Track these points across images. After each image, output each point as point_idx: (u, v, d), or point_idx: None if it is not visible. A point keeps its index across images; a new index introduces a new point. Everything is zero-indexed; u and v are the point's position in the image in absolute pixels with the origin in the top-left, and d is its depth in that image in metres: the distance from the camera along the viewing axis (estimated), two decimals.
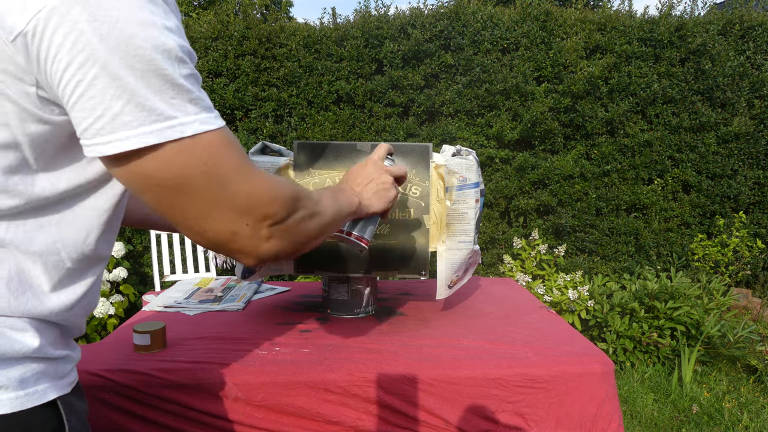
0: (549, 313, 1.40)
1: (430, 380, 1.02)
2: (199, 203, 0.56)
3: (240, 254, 0.61)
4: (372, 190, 0.95)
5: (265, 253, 0.62)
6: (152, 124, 0.52)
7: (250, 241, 0.60)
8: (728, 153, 3.92)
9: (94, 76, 0.50)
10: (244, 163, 0.58)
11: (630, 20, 3.80)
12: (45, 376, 0.60)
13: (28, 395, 0.57)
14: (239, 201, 0.57)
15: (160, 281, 3.53)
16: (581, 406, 1.04)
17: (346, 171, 1.29)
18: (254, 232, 0.59)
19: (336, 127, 3.75)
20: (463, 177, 1.26)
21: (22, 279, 0.58)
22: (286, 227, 0.63)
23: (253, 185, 0.59)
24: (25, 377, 0.57)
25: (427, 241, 1.28)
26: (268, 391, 1.00)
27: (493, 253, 3.86)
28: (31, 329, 0.58)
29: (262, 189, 0.59)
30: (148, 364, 1.03)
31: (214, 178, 0.55)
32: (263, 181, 0.60)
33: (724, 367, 2.95)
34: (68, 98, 0.51)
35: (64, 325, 0.64)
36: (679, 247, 3.89)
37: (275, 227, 0.61)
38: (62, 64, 0.50)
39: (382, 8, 3.85)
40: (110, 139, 0.52)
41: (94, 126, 0.51)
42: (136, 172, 0.54)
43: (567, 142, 3.87)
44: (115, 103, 0.50)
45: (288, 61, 3.73)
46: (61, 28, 0.49)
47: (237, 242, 0.59)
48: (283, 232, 0.62)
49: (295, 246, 0.66)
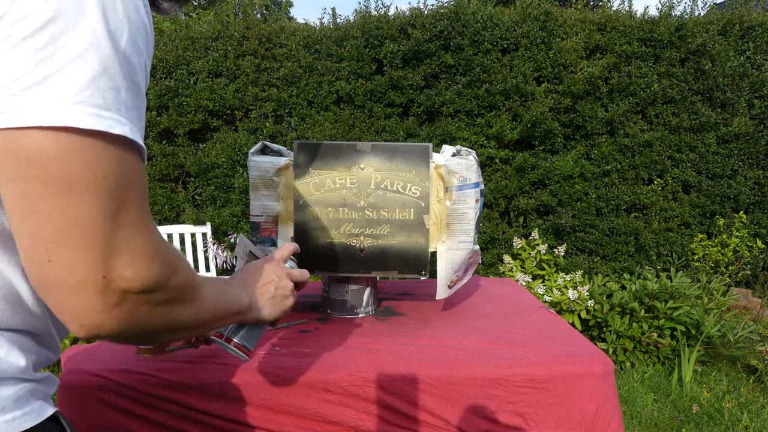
0: (549, 313, 1.40)
1: (430, 380, 1.02)
2: (69, 219, 0.43)
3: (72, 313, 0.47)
4: (269, 294, 0.80)
5: (104, 324, 0.48)
6: (74, 105, 0.42)
7: (93, 299, 0.46)
8: (728, 153, 3.92)
9: (27, 34, 0.42)
10: (144, 209, 0.49)
11: (630, 20, 3.80)
12: (36, 394, 0.56)
13: (26, 414, 0.53)
14: (115, 240, 0.46)
15: None
16: (581, 406, 1.04)
17: (346, 172, 1.29)
18: (104, 290, 0.46)
19: (336, 127, 3.75)
20: (463, 177, 1.26)
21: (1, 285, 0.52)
22: (145, 301, 0.50)
23: (139, 231, 0.48)
24: (20, 395, 0.53)
25: (427, 241, 1.28)
26: (268, 391, 1.00)
27: (493, 253, 3.87)
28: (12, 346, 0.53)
29: (146, 241, 0.49)
30: (148, 364, 1.03)
31: (107, 199, 0.45)
32: (151, 235, 0.50)
33: (724, 367, 2.95)
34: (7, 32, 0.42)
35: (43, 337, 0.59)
36: (679, 247, 3.89)
37: (131, 295, 0.48)
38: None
39: (382, 8, 3.86)
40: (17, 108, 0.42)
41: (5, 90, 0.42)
42: (19, 153, 0.42)
43: (567, 142, 3.87)
44: (39, 70, 0.42)
45: (288, 61, 3.73)
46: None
47: (78, 292, 0.45)
48: (138, 305, 0.49)
49: (146, 330, 0.52)
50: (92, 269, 0.45)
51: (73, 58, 0.42)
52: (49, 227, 0.44)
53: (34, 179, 0.42)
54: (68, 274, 0.45)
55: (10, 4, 0.41)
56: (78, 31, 0.43)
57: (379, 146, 1.28)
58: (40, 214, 0.43)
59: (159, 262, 0.50)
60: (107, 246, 0.45)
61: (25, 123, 0.41)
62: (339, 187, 1.29)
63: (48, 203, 0.43)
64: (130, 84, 0.46)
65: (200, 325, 0.62)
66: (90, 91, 0.43)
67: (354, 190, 1.29)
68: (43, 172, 0.42)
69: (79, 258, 0.45)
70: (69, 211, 0.43)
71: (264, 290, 0.80)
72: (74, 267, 0.45)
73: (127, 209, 0.47)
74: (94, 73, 0.43)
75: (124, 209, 0.46)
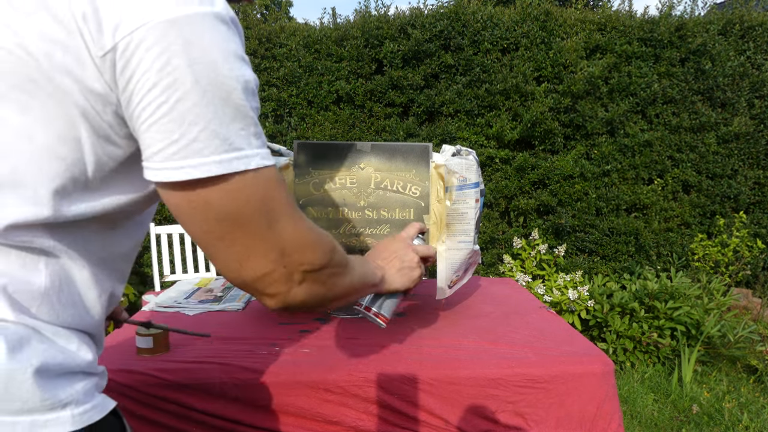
0: (549, 313, 1.40)
1: (430, 380, 1.02)
2: (246, 238, 0.56)
3: (269, 296, 0.60)
4: (396, 267, 0.93)
5: (293, 299, 0.61)
6: (222, 154, 0.51)
7: (283, 284, 0.59)
8: (728, 153, 3.92)
9: (177, 99, 0.50)
10: (292, 205, 0.59)
11: (630, 20, 3.80)
12: (97, 388, 0.59)
13: (95, 407, 0.56)
14: (284, 242, 0.58)
15: (160, 281, 3.53)
16: (581, 406, 1.04)
17: (346, 172, 1.29)
18: (289, 275, 0.59)
19: (336, 127, 3.75)
20: (463, 177, 1.26)
21: (71, 290, 0.57)
22: (319, 277, 0.63)
23: (298, 228, 0.59)
24: (88, 389, 0.57)
25: (427, 241, 1.28)
26: (268, 391, 1.00)
27: (493, 253, 3.86)
28: (81, 342, 0.58)
29: (306, 233, 0.60)
30: (148, 364, 1.03)
31: (267, 215, 0.56)
32: (308, 226, 0.61)
33: (724, 367, 2.95)
34: (146, 119, 0.51)
35: (98, 337, 0.64)
36: (679, 247, 3.89)
37: (310, 274, 0.61)
38: (148, 84, 0.49)
39: (382, 8, 3.86)
40: (182, 165, 0.51)
41: (167, 150, 0.51)
42: (196, 201, 0.53)
43: (567, 142, 3.87)
44: (192, 129, 0.50)
45: (288, 61, 3.73)
46: (155, 48, 0.49)
47: (270, 282, 0.59)
48: (315, 281, 0.62)
49: (322, 299, 0.65)
50: (275, 265, 0.58)
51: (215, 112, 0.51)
52: (235, 249, 0.56)
53: (212, 220, 0.54)
54: (258, 273, 0.58)
55: (158, 74, 0.49)
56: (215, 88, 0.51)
57: (379, 146, 1.28)
58: (225, 242, 0.56)
59: (321, 246, 0.62)
60: (280, 247, 0.58)
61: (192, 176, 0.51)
62: (339, 187, 1.29)
63: (229, 233, 0.55)
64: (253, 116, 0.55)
65: (352, 292, 0.74)
66: (231, 138, 0.52)
67: (354, 190, 1.29)
68: (218, 214, 0.54)
69: (263, 261, 0.57)
70: (245, 233, 0.56)
71: (393, 264, 0.92)
72: (262, 267, 0.58)
73: (283, 214, 0.58)
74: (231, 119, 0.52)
75: (281, 215, 0.57)
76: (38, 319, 0.54)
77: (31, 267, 0.54)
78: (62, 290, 0.56)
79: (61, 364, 0.54)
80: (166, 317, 1.34)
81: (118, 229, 0.62)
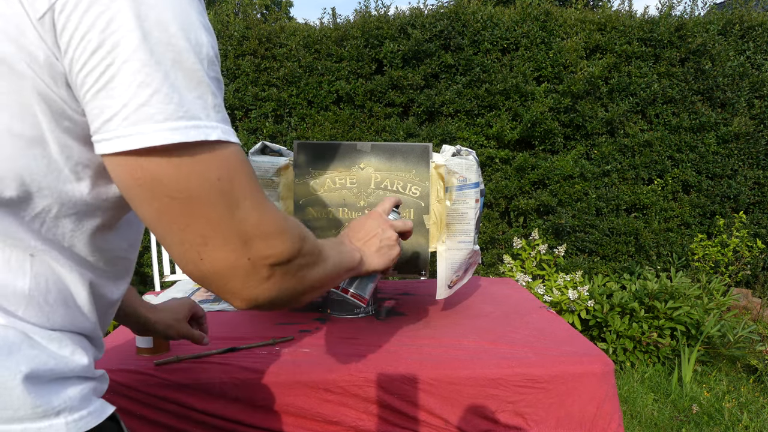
0: (549, 313, 1.40)
1: (430, 380, 1.02)
2: (204, 224, 0.50)
3: (233, 293, 0.54)
4: (374, 246, 0.86)
5: (260, 296, 0.55)
6: (178, 120, 0.46)
7: (247, 279, 0.53)
8: (728, 153, 3.92)
9: (124, 60, 0.45)
10: (257, 189, 0.53)
11: (630, 20, 3.80)
12: (95, 392, 0.57)
13: (92, 413, 0.54)
14: (246, 229, 0.52)
15: (160, 281, 3.53)
16: (581, 406, 1.04)
17: (346, 172, 1.29)
18: (253, 269, 0.53)
19: (336, 127, 3.75)
20: (463, 177, 1.26)
21: (61, 290, 0.55)
22: (288, 269, 0.56)
23: (264, 215, 0.53)
24: (84, 394, 0.54)
25: (427, 241, 1.28)
26: (268, 391, 1.00)
27: (493, 253, 3.86)
28: (76, 346, 0.56)
29: (271, 221, 0.54)
30: (148, 363, 1.03)
31: (227, 197, 0.50)
32: (275, 213, 0.55)
33: (724, 367, 2.95)
34: (92, 85, 0.46)
35: (95, 339, 0.61)
36: (679, 247, 3.89)
37: (278, 267, 0.55)
38: (91, 45, 0.45)
39: (382, 8, 3.86)
40: (131, 132, 0.45)
41: (118, 116, 0.45)
42: (147, 176, 0.47)
43: (567, 142, 3.87)
44: (143, 92, 0.45)
45: (288, 61, 3.73)
46: (96, 5, 0.44)
47: (233, 276, 0.52)
48: (284, 274, 0.56)
49: (292, 294, 0.59)
50: (237, 256, 0.52)
51: (166, 74, 0.46)
52: (191, 234, 0.50)
53: (165, 198, 0.48)
54: (220, 264, 0.51)
55: (101, 34, 0.45)
56: (165, 48, 0.46)
57: (379, 146, 1.28)
58: (180, 225, 0.49)
59: (289, 234, 0.56)
60: (242, 234, 0.51)
61: (142, 144, 0.45)
62: (339, 187, 1.29)
63: (183, 215, 0.49)
64: (214, 85, 0.50)
65: (328, 281, 0.68)
66: (186, 104, 0.47)
67: (354, 190, 1.29)
68: (171, 191, 0.48)
69: (224, 250, 0.51)
70: (202, 216, 0.49)
71: (371, 244, 0.86)
72: (222, 258, 0.51)
73: (246, 198, 0.52)
74: (186, 86, 0.47)
75: (244, 199, 0.51)
76: (27, 321, 0.52)
77: (15, 268, 0.51)
78: (50, 291, 0.53)
79: (53, 369, 0.52)
80: None
81: (105, 228, 0.58)
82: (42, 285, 0.53)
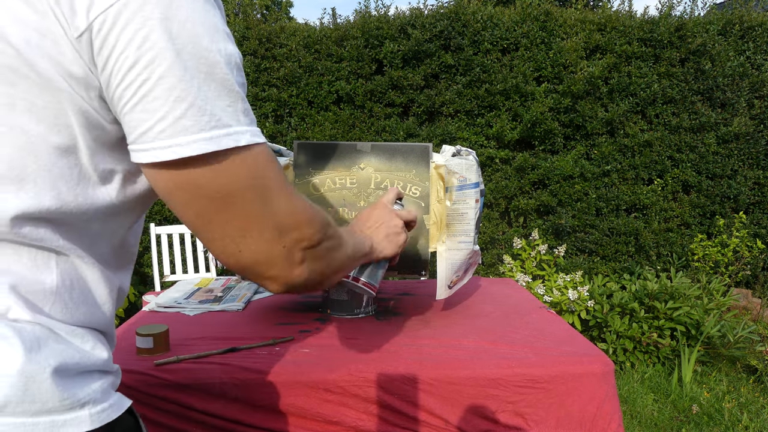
0: (549, 313, 1.40)
1: (430, 380, 1.02)
2: (241, 219, 0.54)
3: (271, 278, 0.59)
4: (383, 234, 0.91)
5: (296, 279, 0.60)
6: (211, 131, 0.50)
7: (284, 264, 0.58)
8: (728, 153, 3.92)
9: (160, 76, 0.48)
10: (285, 182, 0.57)
11: (630, 20, 3.80)
12: (113, 386, 0.59)
13: (112, 406, 0.56)
14: (280, 219, 0.56)
15: (160, 281, 3.53)
16: (581, 406, 1.04)
17: (346, 172, 1.29)
18: (289, 255, 0.58)
19: (336, 127, 3.75)
20: (463, 177, 1.26)
21: (82, 288, 0.57)
22: (318, 253, 0.61)
23: (293, 204, 0.58)
24: (105, 388, 0.56)
25: (427, 241, 1.28)
26: (268, 391, 1.00)
27: (493, 253, 3.87)
28: (96, 341, 0.57)
29: (301, 209, 0.59)
30: (148, 364, 1.03)
31: (260, 193, 0.54)
32: (302, 202, 0.59)
33: (724, 368, 2.95)
34: (129, 99, 0.49)
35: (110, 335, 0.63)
36: (679, 248, 3.89)
37: (309, 251, 0.60)
38: (128, 62, 0.47)
39: (382, 8, 3.86)
40: (169, 144, 0.49)
41: (154, 129, 0.49)
42: (186, 182, 0.51)
43: (567, 142, 3.87)
44: (178, 106, 0.48)
45: (288, 61, 3.73)
46: (132, 24, 0.47)
47: (271, 263, 0.57)
48: (314, 257, 0.61)
49: (321, 276, 0.64)
50: (274, 244, 0.56)
51: (200, 88, 0.49)
52: (230, 229, 0.54)
53: (203, 199, 0.53)
54: (258, 254, 0.56)
55: (137, 51, 0.47)
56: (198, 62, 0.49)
57: (379, 146, 1.28)
58: (219, 223, 0.54)
59: (316, 220, 0.61)
60: (276, 225, 0.56)
61: (180, 155, 0.49)
62: (339, 187, 1.29)
63: (223, 213, 0.54)
64: (242, 91, 0.53)
65: (349, 264, 0.74)
66: (218, 114, 0.50)
67: (354, 190, 1.29)
68: (209, 193, 0.52)
69: (261, 241, 0.56)
70: (239, 212, 0.54)
71: (379, 232, 0.91)
72: (260, 248, 0.56)
73: (277, 190, 0.56)
74: (218, 96, 0.50)
75: (274, 193, 0.56)
76: (53, 318, 0.54)
77: (42, 266, 0.53)
78: (74, 288, 0.55)
79: (79, 363, 0.54)
80: (166, 317, 1.34)
81: (126, 227, 0.61)
82: (67, 282, 0.55)
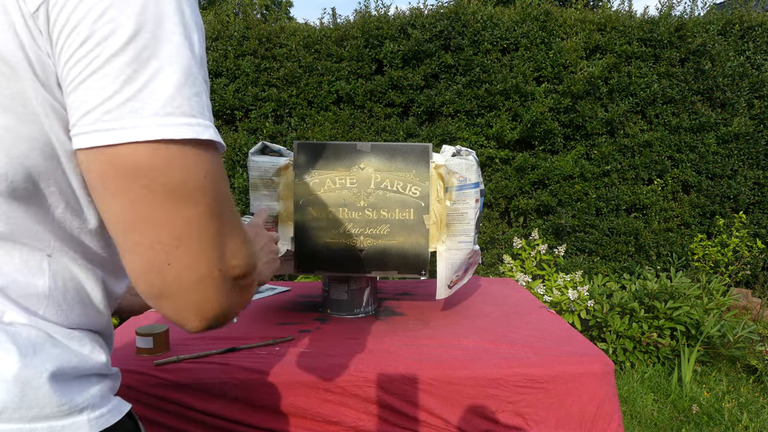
0: (549, 313, 1.40)
1: (430, 380, 1.02)
2: (182, 223, 0.46)
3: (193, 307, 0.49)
4: (264, 260, 0.79)
5: (218, 311, 0.51)
6: (166, 117, 0.44)
7: (214, 291, 0.49)
8: (728, 153, 3.92)
9: (113, 53, 0.43)
10: (233, 202, 0.51)
11: (630, 20, 3.80)
12: (111, 390, 0.58)
13: (111, 411, 0.55)
14: (224, 238, 0.49)
15: None
16: (581, 406, 1.04)
17: (346, 172, 1.29)
18: (223, 281, 0.49)
19: (336, 127, 3.75)
20: (463, 177, 1.26)
21: (77, 289, 0.55)
22: (244, 284, 0.53)
23: (239, 224, 0.51)
24: (103, 392, 0.55)
25: (427, 241, 1.28)
26: (268, 391, 1.00)
27: (493, 253, 3.86)
28: (94, 343, 0.56)
29: (241, 228, 0.52)
30: (148, 364, 1.03)
31: (213, 199, 0.47)
32: (242, 227, 0.52)
33: (724, 367, 2.95)
34: (76, 76, 0.44)
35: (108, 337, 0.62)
36: (679, 247, 3.89)
37: (239, 282, 0.52)
38: (80, 37, 0.43)
39: (382, 8, 3.86)
40: (113, 126, 0.43)
41: (99, 109, 0.43)
42: (123, 167, 0.44)
43: (567, 143, 3.87)
44: (129, 87, 0.43)
45: (288, 61, 3.73)
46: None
47: (199, 288, 0.48)
48: (240, 289, 0.53)
49: (235, 309, 0.54)
50: (211, 265, 0.48)
51: (158, 70, 0.44)
52: (166, 233, 0.45)
53: (142, 189, 0.44)
54: (189, 273, 0.47)
55: (93, 25, 0.43)
56: (159, 43, 0.44)
57: (379, 146, 1.28)
58: (155, 222, 0.45)
59: (248, 245, 0.53)
60: (219, 241, 0.48)
61: (125, 139, 0.43)
62: (339, 187, 1.29)
63: (161, 210, 0.45)
64: (205, 85, 0.48)
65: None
66: (178, 100, 0.45)
67: (354, 190, 1.29)
68: (151, 182, 0.44)
69: (198, 256, 0.47)
70: (181, 215, 0.45)
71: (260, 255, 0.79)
72: (194, 266, 0.47)
73: (226, 204, 0.49)
74: (179, 83, 0.45)
75: (224, 204, 0.49)
76: (48, 321, 0.53)
77: (33, 268, 0.52)
78: (67, 290, 0.54)
79: (76, 367, 0.53)
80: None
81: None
82: (60, 284, 0.53)
